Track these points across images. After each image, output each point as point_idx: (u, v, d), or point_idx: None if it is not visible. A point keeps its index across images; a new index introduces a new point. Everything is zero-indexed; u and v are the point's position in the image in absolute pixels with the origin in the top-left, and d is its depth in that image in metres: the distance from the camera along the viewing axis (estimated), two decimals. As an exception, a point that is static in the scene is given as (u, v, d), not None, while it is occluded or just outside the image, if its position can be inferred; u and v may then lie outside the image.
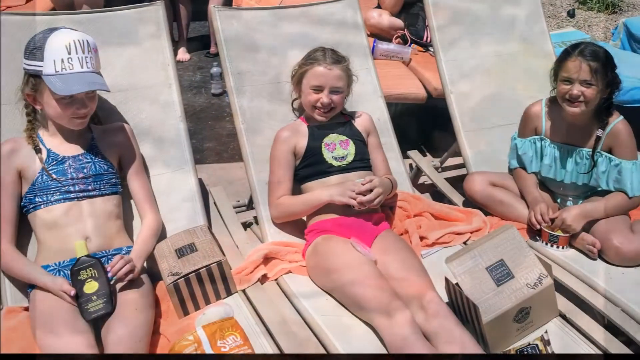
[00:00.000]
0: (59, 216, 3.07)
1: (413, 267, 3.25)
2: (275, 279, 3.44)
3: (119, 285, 3.00)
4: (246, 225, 4.09)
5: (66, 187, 3.09)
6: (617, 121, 3.74)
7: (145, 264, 3.25)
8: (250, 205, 4.38)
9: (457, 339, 2.87)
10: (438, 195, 4.52)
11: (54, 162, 3.12)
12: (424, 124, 5.92)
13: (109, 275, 2.94)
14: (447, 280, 3.18)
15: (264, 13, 4.15)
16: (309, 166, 3.61)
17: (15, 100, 3.23)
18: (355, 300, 3.10)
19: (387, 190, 3.58)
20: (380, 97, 4.31)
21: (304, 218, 3.68)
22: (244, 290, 3.32)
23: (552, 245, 3.70)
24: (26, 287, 3.10)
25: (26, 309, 3.06)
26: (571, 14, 10.14)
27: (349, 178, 3.56)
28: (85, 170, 3.16)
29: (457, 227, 3.85)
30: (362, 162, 3.68)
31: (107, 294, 2.89)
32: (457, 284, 3.07)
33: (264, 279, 3.41)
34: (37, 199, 3.07)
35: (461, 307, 3.11)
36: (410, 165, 4.95)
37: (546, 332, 3.02)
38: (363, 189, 3.40)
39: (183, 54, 8.09)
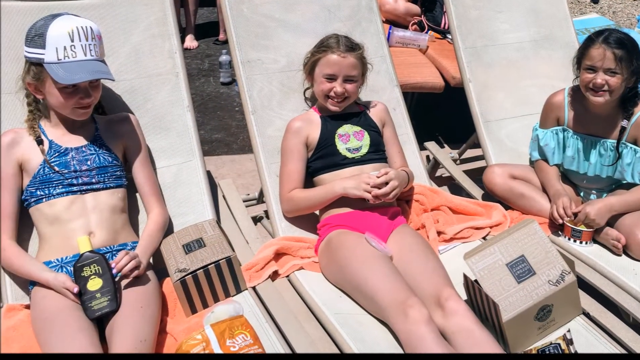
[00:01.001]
0: (62, 210, 3.06)
1: (430, 263, 3.23)
2: (287, 276, 3.43)
3: (123, 282, 2.98)
4: (256, 220, 4.09)
5: (69, 180, 3.08)
6: (643, 111, 3.72)
7: (151, 260, 3.24)
8: (260, 199, 4.39)
9: (476, 338, 2.85)
10: (456, 189, 4.51)
11: (56, 154, 3.11)
12: (442, 114, 5.92)
13: (114, 271, 2.92)
14: (465, 277, 3.16)
15: (276, -2, 4.13)
16: (322, 158, 3.60)
17: (16, 89, 3.22)
18: (370, 297, 3.08)
19: (403, 183, 3.57)
20: (396, 86, 4.30)
21: (317, 212, 3.67)
22: (254, 288, 3.32)
23: (575, 241, 3.69)
24: (27, 284, 3.10)
25: (27, 306, 3.06)
26: (595, 0, 10.11)
27: (363, 170, 3.54)
28: (88, 163, 3.14)
29: (476, 221, 3.84)
30: (377, 153, 3.66)
31: (112, 291, 2.88)
32: (476, 280, 3.05)
33: (274, 275, 3.41)
34: (38, 192, 3.06)
35: (480, 305, 3.10)
36: (428, 157, 4.94)
37: (569, 331, 2.99)
38: (378, 182, 3.38)
39: (191, 41, 8.11)
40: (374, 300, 3.04)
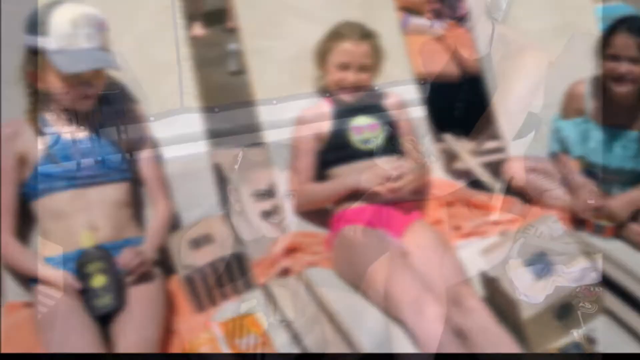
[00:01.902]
0: (64, 204, 3.05)
1: (446, 260, 3.22)
2: (299, 273, 3.42)
3: (128, 279, 2.98)
4: (267, 215, 4.08)
5: (71, 173, 3.07)
6: (668, 101, 3.70)
7: (157, 256, 3.24)
8: (271, 193, 4.37)
9: (494, 337, 2.85)
10: (474, 182, 4.50)
11: (58, 146, 3.10)
12: (459, 104, 5.89)
13: (119, 268, 2.93)
14: (483, 273, 3.15)
15: (286, -16, 4.12)
16: (334, 151, 3.59)
17: (16, 79, 3.21)
18: (384, 294, 3.07)
19: (419, 177, 3.55)
20: (411, 76, 4.27)
21: (329, 207, 3.66)
22: (264, 285, 3.31)
23: (597, 236, 3.67)
24: (28, 281, 3.09)
25: (28, 304, 3.05)
26: (618, -14, 10.07)
27: (377, 163, 3.52)
28: (92, 155, 3.14)
29: (494, 216, 3.82)
30: (391, 146, 3.65)
31: (116, 289, 2.88)
32: (493, 277, 3.04)
33: (286, 272, 3.40)
34: (40, 186, 3.05)
35: (498, 302, 3.09)
36: (444, 149, 4.92)
37: (591, 330, 2.98)
38: (393, 175, 3.37)
39: (198, 29, 8.10)
40: (388, 298, 3.03)
